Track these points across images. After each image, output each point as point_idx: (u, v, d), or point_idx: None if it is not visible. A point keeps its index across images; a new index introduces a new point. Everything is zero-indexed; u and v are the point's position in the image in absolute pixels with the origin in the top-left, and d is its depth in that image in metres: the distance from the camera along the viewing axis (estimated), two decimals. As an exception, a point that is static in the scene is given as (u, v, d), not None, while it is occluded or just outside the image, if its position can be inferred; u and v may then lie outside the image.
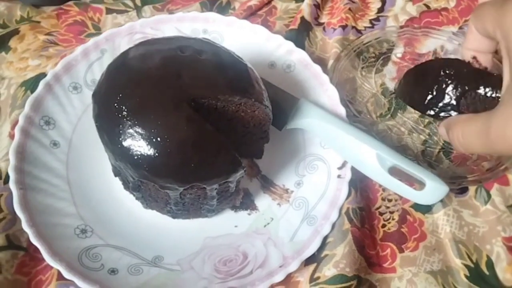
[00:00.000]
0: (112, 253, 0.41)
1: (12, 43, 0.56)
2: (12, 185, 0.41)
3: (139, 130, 0.35)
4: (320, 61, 0.55)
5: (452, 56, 0.57)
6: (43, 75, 0.48)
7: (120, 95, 0.36)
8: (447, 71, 0.48)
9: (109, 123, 0.36)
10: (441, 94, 0.48)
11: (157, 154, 0.35)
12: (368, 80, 0.55)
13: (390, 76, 0.56)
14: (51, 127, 0.46)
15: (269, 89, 0.43)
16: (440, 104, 0.48)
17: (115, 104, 0.36)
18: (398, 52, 0.58)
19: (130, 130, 0.35)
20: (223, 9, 0.60)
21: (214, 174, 0.37)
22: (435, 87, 0.48)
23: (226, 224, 0.44)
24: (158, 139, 0.35)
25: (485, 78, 0.46)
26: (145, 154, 0.35)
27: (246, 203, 0.45)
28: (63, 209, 0.42)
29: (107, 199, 0.44)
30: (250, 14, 0.60)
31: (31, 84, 0.50)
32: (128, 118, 0.35)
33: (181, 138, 0.35)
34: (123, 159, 0.36)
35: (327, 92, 0.49)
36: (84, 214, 0.43)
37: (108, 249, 0.41)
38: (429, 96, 0.48)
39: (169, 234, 0.43)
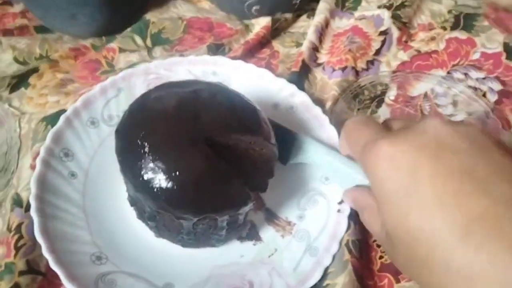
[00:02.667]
0: (126, 280, 0.43)
1: (32, 80, 0.59)
2: (33, 213, 0.43)
3: (159, 164, 0.39)
4: (319, 102, 0.59)
5: (443, 99, 0.62)
6: (63, 111, 0.52)
7: (143, 132, 0.40)
8: None
9: (131, 158, 0.40)
10: None
11: (175, 187, 0.38)
12: (364, 121, 0.59)
13: (384, 117, 0.60)
14: (69, 158, 0.49)
15: (273, 126, 0.47)
16: None
17: (138, 141, 0.40)
18: (391, 94, 0.62)
19: (151, 165, 0.39)
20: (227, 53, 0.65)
21: (226, 206, 0.40)
22: None
23: (233, 253, 0.47)
24: (177, 173, 0.38)
25: None
26: (164, 187, 0.38)
27: (252, 234, 0.48)
28: (80, 237, 0.45)
29: (121, 228, 0.47)
30: (249, 50, 0.64)
31: (52, 119, 0.53)
32: (149, 154, 0.39)
33: (197, 173, 0.39)
34: (143, 191, 0.39)
35: (327, 133, 0.53)
36: (99, 242, 0.45)
37: (122, 276, 0.43)
38: None
39: (179, 262, 0.46)
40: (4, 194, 0.49)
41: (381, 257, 0.47)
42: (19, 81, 0.59)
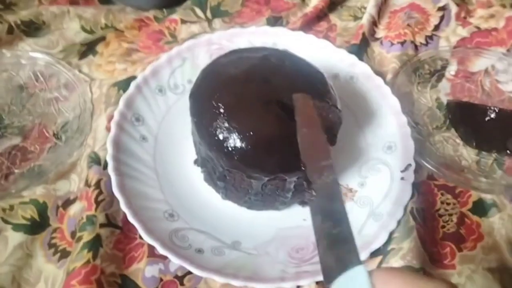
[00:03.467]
0: (196, 236, 0.45)
1: (99, 48, 0.62)
2: (111, 171, 0.46)
3: (234, 124, 0.40)
4: (379, 74, 0.59)
5: (503, 75, 0.61)
6: (133, 77, 0.54)
7: (217, 94, 0.41)
8: (492, 116, 0.53)
9: (207, 118, 0.41)
10: (489, 136, 0.54)
11: (249, 146, 0.40)
12: (424, 95, 0.59)
13: (445, 91, 0.60)
14: (140, 123, 0.52)
15: None
16: (489, 145, 0.54)
17: (213, 102, 0.41)
18: (451, 69, 0.62)
19: (226, 125, 0.40)
20: (285, 26, 0.66)
21: (297, 167, 0.41)
22: (482, 131, 0.54)
23: (295, 217, 0.48)
24: (251, 133, 0.40)
25: None
26: (238, 146, 0.40)
27: (313, 200, 0.49)
28: (153, 195, 0.47)
29: (189, 189, 0.49)
30: (306, 23, 0.65)
31: (123, 85, 0.55)
32: (224, 114, 0.40)
33: (270, 133, 0.40)
34: (217, 150, 0.41)
35: (389, 102, 0.53)
36: (171, 201, 0.47)
37: (193, 232, 0.45)
38: (478, 137, 0.54)
39: (244, 223, 0.47)
40: (79, 153, 0.51)
41: (443, 227, 0.48)
42: (87, 49, 0.62)
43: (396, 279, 0.24)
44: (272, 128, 0.40)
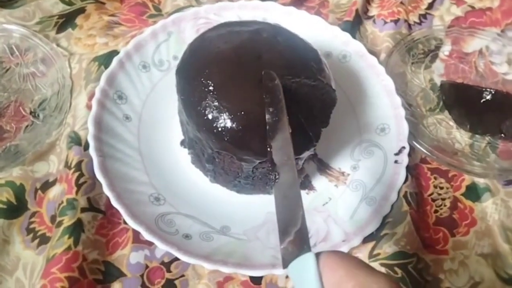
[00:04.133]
0: (184, 220, 0.43)
1: (78, 20, 0.58)
2: (92, 152, 0.43)
3: (224, 104, 0.38)
4: (372, 54, 0.57)
5: (498, 57, 0.60)
6: (115, 52, 0.51)
7: (207, 71, 0.39)
8: (487, 98, 0.52)
9: (195, 97, 0.39)
10: (483, 119, 0.52)
11: (240, 127, 0.37)
12: (417, 76, 0.58)
13: (438, 72, 0.59)
14: (123, 101, 0.49)
15: None
16: (483, 128, 0.52)
17: (202, 79, 0.39)
18: (445, 50, 0.60)
19: (216, 103, 0.38)
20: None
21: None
22: (476, 113, 0.52)
23: (286, 201, 0.47)
24: (242, 112, 0.37)
25: None
26: (228, 126, 0.38)
27: (305, 183, 0.48)
28: (137, 178, 0.45)
29: (176, 172, 0.47)
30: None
31: (104, 60, 0.52)
32: (214, 93, 0.38)
33: (263, 113, 0.38)
34: (206, 130, 0.38)
35: (383, 82, 0.52)
36: (156, 184, 0.45)
37: (180, 217, 0.43)
38: (472, 120, 0.53)
39: (233, 207, 0.46)
40: (58, 133, 0.48)
41: (436, 211, 0.47)
42: (65, 21, 0.58)
43: (342, 268, 0.25)
44: (265, 108, 0.38)
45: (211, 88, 0.38)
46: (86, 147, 0.45)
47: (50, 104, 0.50)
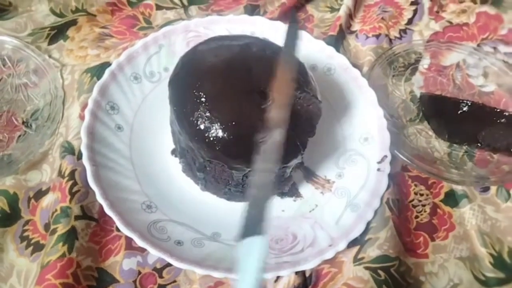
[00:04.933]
0: (175, 228, 0.44)
1: (70, 32, 0.60)
2: (85, 161, 0.44)
3: (216, 114, 0.39)
4: (355, 67, 0.59)
5: (474, 70, 0.63)
6: (107, 64, 0.52)
7: (199, 83, 0.41)
8: (464, 110, 0.55)
9: (188, 108, 0.40)
10: (460, 129, 0.55)
11: (231, 136, 0.39)
12: (398, 88, 0.60)
13: (418, 85, 0.61)
14: (115, 112, 0.50)
15: None
16: (461, 138, 0.55)
17: (194, 91, 0.40)
18: (425, 63, 0.63)
19: (208, 114, 0.40)
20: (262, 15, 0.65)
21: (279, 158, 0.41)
22: (454, 124, 0.55)
23: (274, 208, 0.48)
24: (233, 123, 0.39)
25: (499, 116, 0.52)
26: (220, 136, 0.39)
27: (292, 190, 0.50)
28: (129, 186, 0.46)
29: (167, 180, 0.48)
30: (284, 13, 0.64)
31: (96, 71, 0.54)
32: (206, 104, 0.40)
33: (253, 124, 0.39)
34: (198, 140, 0.40)
35: (365, 94, 0.54)
36: (148, 192, 0.46)
37: (172, 224, 0.45)
38: (450, 130, 0.55)
39: (224, 214, 0.47)
40: (50, 142, 0.49)
41: (416, 217, 0.49)
42: (57, 33, 0.59)
43: None
44: (255, 118, 0.40)
45: (203, 99, 0.40)
46: (79, 156, 0.46)
47: (42, 114, 0.51)
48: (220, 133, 0.39)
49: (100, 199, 0.42)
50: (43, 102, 0.52)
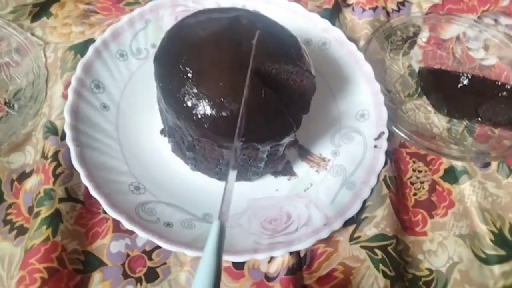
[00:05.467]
0: (165, 209, 0.43)
1: (54, 9, 0.57)
2: (69, 142, 0.43)
3: (203, 90, 0.37)
4: (351, 41, 0.57)
5: (475, 43, 0.61)
6: (92, 41, 0.50)
7: (185, 57, 0.39)
8: (464, 83, 0.53)
9: (174, 84, 0.38)
10: (460, 103, 0.53)
11: (219, 114, 0.37)
12: (396, 62, 0.58)
13: (417, 59, 0.59)
14: (100, 90, 0.48)
15: None
16: (461, 112, 0.53)
17: (180, 66, 0.38)
18: (423, 36, 0.61)
19: (195, 91, 0.38)
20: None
21: (270, 135, 0.39)
22: (453, 98, 0.53)
23: (268, 187, 0.47)
24: (222, 99, 0.37)
25: (500, 89, 0.50)
26: (208, 114, 0.37)
27: (286, 169, 0.48)
28: (116, 167, 0.44)
29: (156, 160, 0.47)
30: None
31: (80, 49, 0.51)
32: (193, 80, 0.38)
33: (243, 100, 0.37)
34: (186, 118, 0.38)
35: (362, 69, 0.52)
36: (136, 173, 0.45)
37: (161, 205, 0.43)
38: (450, 105, 0.53)
39: (215, 195, 0.44)
40: (34, 123, 0.48)
41: (415, 194, 0.48)
42: (40, 10, 0.56)
43: None
44: (246, 94, 0.37)
45: (189, 75, 0.38)
46: (63, 137, 0.44)
47: (25, 94, 0.49)
48: (208, 110, 0.37)
49: (85, 180, 0.41)
50: (26, 82, 0.50)
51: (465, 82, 0.53)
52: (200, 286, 0.28)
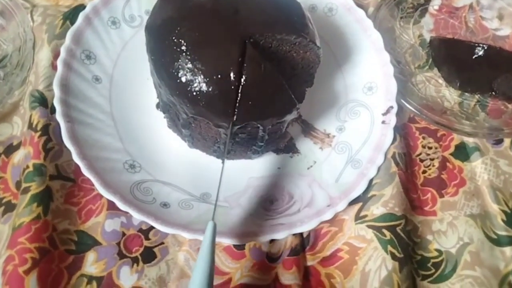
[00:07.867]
0: (161, 188, 0.41)
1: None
2: (59, 117, 0.40)
3: (198, 65, 0.34)
4: (359, 7, 0.54)
5: (488, 12, 0.57)
6: (82, 6, 0.47)
7: (178, 28, 0.35)
8: (480, 54, 0.49)
9: (167, 58, 0.35)
10: (474, 76, 0.50)
11: (216, 91, 0.34)
12: (406, 31, 0.55)
13: (428, 28, 0.56)
14: (92, 61, 0.45)
15: None
16: (474, 86, 0.50)
17: (173, 38, 0.35)
18: (435, 4, 0.57)
19: (190, 65, 0.35)
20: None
21: (271, 113, 0.37)
22: (467, 70, 0.50)
23: (269, 165, 0.45)
24: (218, 75, 0.34)
25: None
26: (204, 91, 0.34)
27: (289, 146, 0.46)
28: (110, 144, 0.42)
29: (152, 137, 0.44)
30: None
31: (69, 14, 0.48)
32: (187, 53, 0.35)
33: (240, 75, 0.35)
34: (180, 94, 0.35)
35: (370, 38, 0.49)
36: (131, 150, 0.43)
37: (157, 184, 0.41)
38: (462, 77, 0.50)
39: (214, 173, 0.43)
40: (21, 92, 0.45)
41: (424, 172, 0.45)
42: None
43: None
44: (244, 69, 0.35)
45: (183, 48, 0.35)
46: (53, 110, 0.41)
47: (11, 61, 0.46)
48: (204, 87, 0.34)
49: (76, 158, 0.39)
50: (12, 47, 0.47)
51: (481, 53, 0.49)
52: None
